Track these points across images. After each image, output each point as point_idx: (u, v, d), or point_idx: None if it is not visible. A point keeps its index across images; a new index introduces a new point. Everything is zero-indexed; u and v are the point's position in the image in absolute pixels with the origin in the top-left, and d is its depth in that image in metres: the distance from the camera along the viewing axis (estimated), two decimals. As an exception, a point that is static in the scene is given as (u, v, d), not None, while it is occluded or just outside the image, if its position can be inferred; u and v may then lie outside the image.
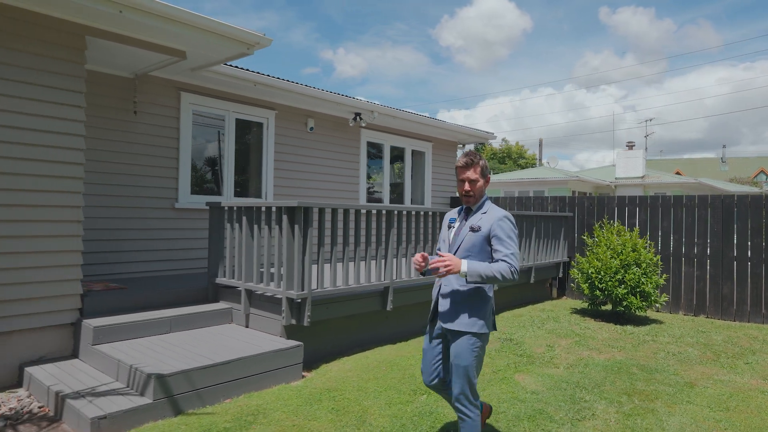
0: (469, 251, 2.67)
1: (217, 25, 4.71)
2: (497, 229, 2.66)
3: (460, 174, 2.78)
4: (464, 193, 2.76)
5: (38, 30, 4.21)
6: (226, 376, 3.83)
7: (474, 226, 2.70)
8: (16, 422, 3.41)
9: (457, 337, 2.63)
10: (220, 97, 6.72)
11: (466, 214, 2.82)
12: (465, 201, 2.79)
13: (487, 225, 2.68)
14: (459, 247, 2.71)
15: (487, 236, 2.67)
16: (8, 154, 4.04)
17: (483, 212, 2.75)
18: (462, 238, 2.71)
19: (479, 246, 2.67)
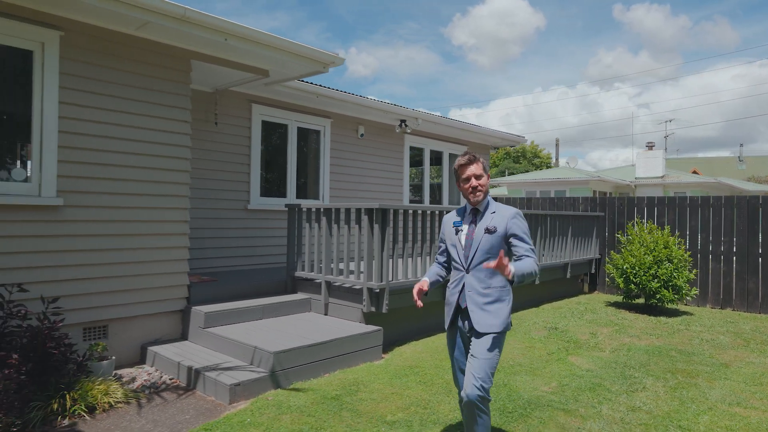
0: (489, 253, 2.66)
1: (300, 47, 5.34)
2: (514, 227, 2.67)
3: (464, 171, 2.73)
4: (471, 189, 2.71)
5: (152, 55, 4.87)
6: (325, 353, 4.46)
7: (489, 227, 2.67)
8: (158, 390, 4.07)
9: (487, 337, 2.64)
10: (284, 107, 7.37)
11: (473, 215, 2.78)
12: (474, 198, 2.72)
13: (502, 224, 2.67)
14: (477, 250, 2.68)
15: (504, 236, 2.67)
16: (133, 164, 4.72)
17: (492, 212, 2.73)
18: (478, 240, 2.68)
19: (498, 246, 2.67)
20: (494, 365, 2.63)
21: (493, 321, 2.64)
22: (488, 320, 2.64)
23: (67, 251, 4.32)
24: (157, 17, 4.32)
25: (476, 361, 2.61)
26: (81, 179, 4.39)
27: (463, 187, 2.76)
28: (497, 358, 2.66)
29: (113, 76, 4.59)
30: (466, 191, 2.74)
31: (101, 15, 4.26)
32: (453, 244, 2.78)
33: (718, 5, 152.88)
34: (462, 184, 2.76)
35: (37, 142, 4.20)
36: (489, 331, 2.62)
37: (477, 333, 2.65)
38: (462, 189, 2.77)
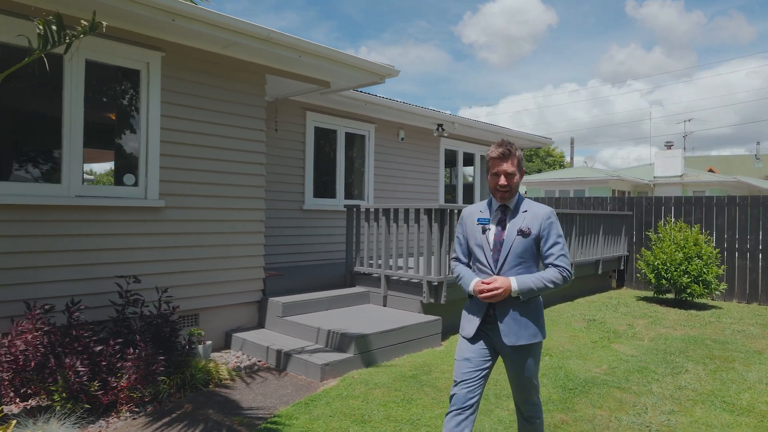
0: (522, 257, 2.43)
1: (362, 61, 5.84)
2: (547, 229, 2.45)
3: (495, 166, 2.47)
4: (499, 188, 2.46)
5: (234, 71, 5.39)
6: (395, 339, 4.96)
7: (524, 229, 2.44)
8: (253, 370, 4.59)
9: (523, 351, 2.43)
10: (334, 114, 7.88)
11: (502, 213, 2.52)
12: (500, 197, 2.48)
13: (536, 226, 2.44)
14: (508, 253, 2.43)
15: (537, 237, 2.45)
16: (219, 169, 5.24)
17: (524, 211, 2.49)
18: (510, 243, 2.44)
19: (531, 250, 2.45)
20: (536, 377, 2.47)
21: (528, 332, 2.42)
22: (525, 331, 2.41)
23: (167, 247, 4.86)
24: (244, 38, 4.83)
25: (521, 379, 2.44)
26: (177, 183, 4.93)
27: (490, 182, 2.52)
28: (537, 370, 2.49)
29: (202, 91, 5.12)
30: (494, 188, 2.49)
31: (198, 37, 4.79)
32: (479, 244, 2.51)
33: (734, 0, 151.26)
34: (490, 179, 2.52)
35: (144, 150, 4.74)
36: (529, 342, 2.41)
37: (515, 347, 2.41)
38: (490, 183, 2.53)
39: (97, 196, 4.46)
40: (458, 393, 2.41)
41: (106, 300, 4.37)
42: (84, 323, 3.97)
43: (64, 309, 3.98)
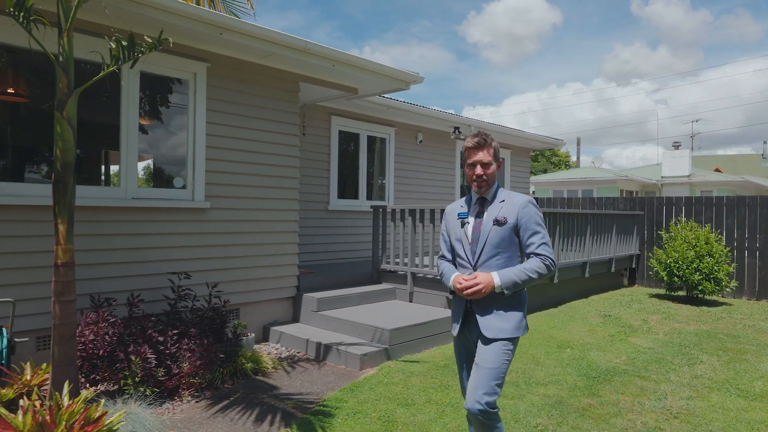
0: (499, 247, 2.39)
1: (390, 69, 6.14)
2: (525, 217, 2.39)
3: (471, 156, 2.44)
4: (475, 178, 2.43)
5: (271, 80, 5.71)
6: (424, 332, 5.27)
7: (499, 219, 2.40)
8: (294, 361, 4.91)
9: (497, 344, 2.37)
10: (357, 118, 8.20)
11: (480, 205, 2.49)
12: (477, 188, 2.46)
13: (513, 214, 2.40)
14: (485, 244, 2.40)
15: (515, 227, 2.40)
16: (257, 172, 5.56)
17: (501, 201, 2.45)
18: (486, 233, 2.40)
19: (508, 240, 2.40)
20: (501, 376, 2.33)
21: (503, 325, 2.36)
22: (498, 324, 2.36)
23: (212, 246, 5.18)
24: (283, 49, 5.15)
25: (480, 370, 2.33)
26: (220, 186, 5.25)
27: (467, 173, 2.49)
28: (505, 368, 2.35)
29: (241, 98, 5.44)
30: (470, 179, 2.47)
31: (240, 48, 5.11)
32: (458, 238, 2.49)
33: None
34: (467, 170, 2.49)
35: (191, 155, 5.07)
36: (498, 337, 2.35)
37: (485, 339, 2.37)
38: (467, 175, 2.50)
39: (150, 198, 4.78)
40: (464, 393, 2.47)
41: (159, 294, 4.70)
42: (143, 315, 4.30)
43: (125, 302, 4.31)
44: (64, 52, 3.44)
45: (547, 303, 7.55)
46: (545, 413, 3.61)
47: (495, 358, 2.33)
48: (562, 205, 11.57)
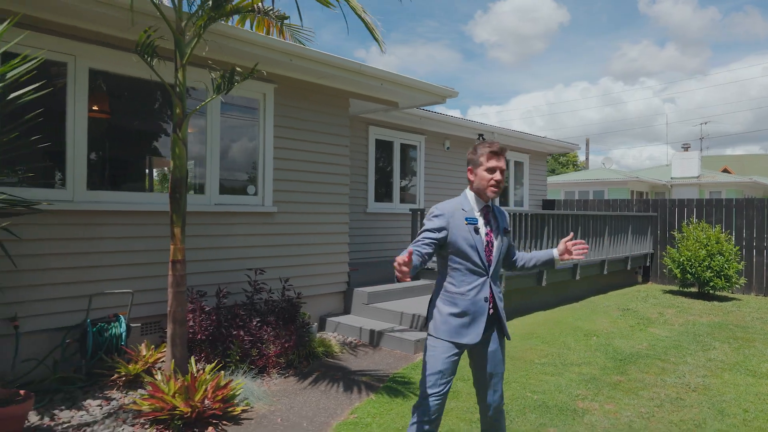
0: (504, 254, 2.62)
1: (430, 86, 6.79)
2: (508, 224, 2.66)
3: (492, 161, 2.47)
4: (495, 183, 2.46)
5: (325, 97, 6.37)
6: (465, 322, 5.91)
7: (507, 228, 2.60)
8: (354, 346, 5.58)
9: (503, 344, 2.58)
10: (391, 127, 8.87)
11: (485, 212, 2.53)
12: (492, 194, 2.49)
13: (509, 224, 2.65)
14: (500, 253, 2.55)
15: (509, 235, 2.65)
16: (315, 180, 6.24)
17: (499, 211, 2.62)
18: (500, 243, 2.54)
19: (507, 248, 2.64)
20: None
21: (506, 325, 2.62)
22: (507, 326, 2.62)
23: (280, 245, 5.86)
24: (339, 71, 5.83)
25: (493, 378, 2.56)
26: (285, 192, 5.93)
27: (484, 177, 2.47)
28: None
29: (301, 114, 6.12)
30: (486, 183, 2.46)
31: (303, 71, 5.78)
32: (471, 245, 2.44)
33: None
34: (485, 173, 2.47)
35: (261, 165, 5.75)
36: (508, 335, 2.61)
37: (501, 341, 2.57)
38: (479, 178, 2.49)
39: (228, 204, 5.47)
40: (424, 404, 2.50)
41: (238, 288, 5.37)
42: (233, 305, 4.98)
43: (213, 294, 5.00)
44: (179, 83, 4.12)
45: (569, 298, 8.18)
46: (583, 386, 4.26)
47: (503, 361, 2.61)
48: (580, 207, 12.18)
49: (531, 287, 7.36)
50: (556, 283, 7.77)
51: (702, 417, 3.70)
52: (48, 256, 4.22)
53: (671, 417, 3.69)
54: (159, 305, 4.82)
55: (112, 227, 4.60)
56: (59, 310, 4.28)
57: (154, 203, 4.91)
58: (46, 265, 4.20)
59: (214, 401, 3.42)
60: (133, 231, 4.73)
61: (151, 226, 4.82)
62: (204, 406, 3.36)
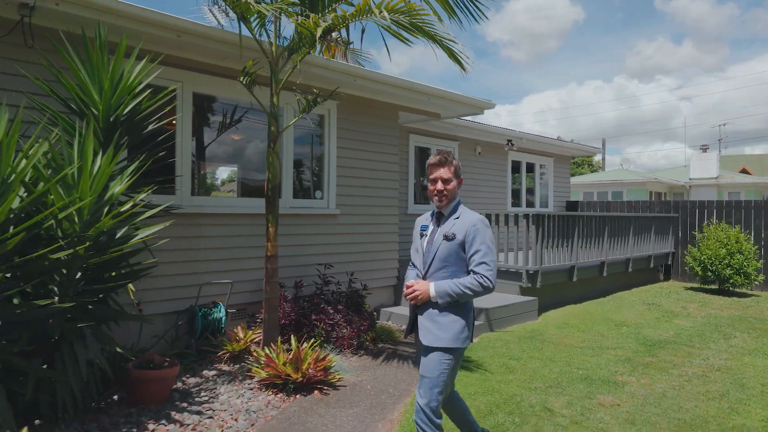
0: (446, 261, 2.53)
1: (471, 99, 7.48)
2: (471, 235, 2.52)
3: (432, 172, 2.60)
4: (436, 192, 2.58)
5: (378, 110, 7.10)
6: (505, 313, 6.59)
7: (448, 234, 2.53)
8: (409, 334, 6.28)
9: (435, 352, 2.50)
10: (428, 135, 9.56)
11: (437, 219, 2.64)
12: (437, 203, 2.61)
13: (462, 231, 2.53)
14: (434, 257, 2.55)
15: (462, 243, 2.52)
16: (370, 185, 6.97)
17: (456, 218, 2.59)
18: (436, 247, 2.55)
19: (455, 255, 2.53)
20: (439, 384, 2.48)
21: (441, 334, 2.48)
22: (436, 333, 2.48)
23: (342, 243, 6.60)
24: (393, 88, 6.54)
25: (422, 380, 2.52)
26: (346, 196, 6.67)
27: (429, 188, 2.64)
28: (443, 377, 2.48)
29: (358, 126, 6.85)
30: (431, 193, 2.63)
31: (361, 88, 6.50)
32: (417, 248, 2.66)
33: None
34: (429, 185, 2.65)
35: (326, 173, 6.50)
36: (435, 345, 2.47)
37: (429, 348, 2.51)
38: (429, 190, 2.67)
39: (300, 207, 6.22)
40: None
41: (309, 281, 6.12)
42: (304, 296, 5.72)
43: (291, 286, 5.74)
44: (274, 106, 4.88)
45: (597, 293, 8.80)
46: (620, 365, 4.92)
47: (433, 367, 2.47)
48: (602, 209, 12.76)
49: (563, 282, 8.01)
50: (585, 279, 8.40)
51: (725, 389, 4.34)
52: (165, 252, 4.99)
53: (699, 389, 4.33)
54: (246, 294, 5.59)
55: (212, 227, 5.37)
56: (173, 297, 5.06)
57: (245, 207, 5.67)
58: (164, 259, 4.98)
59: (317, 371, 4.15)
60: (229, 231, 5.50)
61: (243, 227, 5.59)
62: (309, 374, 4.09)
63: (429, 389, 2.48)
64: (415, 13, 4.16)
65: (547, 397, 4.04)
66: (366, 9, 4.10)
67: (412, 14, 4.16)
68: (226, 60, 5.35)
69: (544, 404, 3.88)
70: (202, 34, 4.80)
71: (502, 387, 4.23)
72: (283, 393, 4.05)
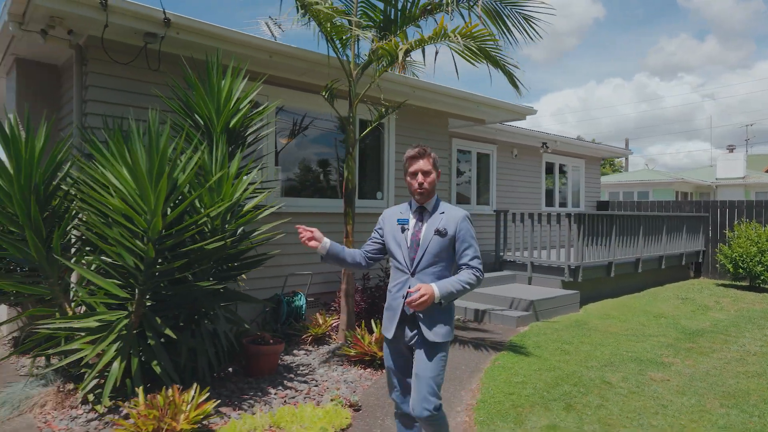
0: (438, 257, 2.50)
1: (515, 106, 8.03)
2: (462, 231, 2.52)
3: (412, 165, 2.56)
4: (417, 186, 2.53)
5: (431, 118, 7.70)
6: (551, 304, 7.13)
7: (440, 230, 2.50)
8: (464, 322, 6.86)
9: (430, 347, 2.47)
10: (469, 138, 10.13)
11: (419, 213, 2.59)
12: (418, 197, 2.55)
13: (452, 227, 2.52)
14: (425, 252, 2.50)
15: (453, 238, 2.52)
16: (423, 186, 7.57)
17: (441, 212, 2.56)
18: (427, 242, 2.50)
19: (446, 251, 2.52)
20: (442, 378, 2.49)
21: (441, 329, 2.47)
22: (439, 329, 2.47)
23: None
24: (446, 97, 7.13)
25: (423, 380, 2.46)
26: (402, 197, 7.27)
27: (408, 182, 2.59)
28: (444, 371, 2.51)
29: (413, 133, 7.45)
30: (411, 187, 2.57)
31: (418, 98, 7.10)
32: (398, 243, 2.57)
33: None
34: (408, 179, 2.59)
35: (386, 175, 7.11)
36: (438, 340, 2.46)
37: (426, 342, 2.47)
38: (408, 184, 2.61)
39: (364, 207, 6.85)
40: (394, 396, 2.65)
41: (374, 274, 6.73)
42: (369, 287, 6.34)
43: (360, 277, 6.37)
44: (352, 116, 5.50)
45: (632, 288, 9.27)
46: (664, 349, 5.44)
47: (434, 365, 2.45)
48: (631, 208, 13.17)
49: (601, 277, 8.50)
50: (621, 275, 8.89)
51: (762, 369, 4.83)
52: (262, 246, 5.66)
53: (738, 369, 4.84)
54: (320, 285, 6.24)
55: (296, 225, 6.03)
56: (264, 286, 5.73)
57: (323, 207, 6.33)
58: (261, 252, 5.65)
59: (398, 349, 4.76)
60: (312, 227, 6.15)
61: (321, 224, 6.18)
62: (393, 352, 4.69)
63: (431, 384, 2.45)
64: (482, 38, 4.73)
65: (604, 373, 4.59)
66: (442, 33, 4.69)
67: (478, 39, 4.73)
68: (304, 75, 6.00)
69: (603, 379, 4.44)
70: (290, 54, 5.46)
71: (562, 365, 4.80)
72: (371, 368, 4.67)
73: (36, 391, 3.75)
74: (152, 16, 4.51)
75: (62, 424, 3.42)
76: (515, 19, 5.42)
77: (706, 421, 3.63)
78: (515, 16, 5.40)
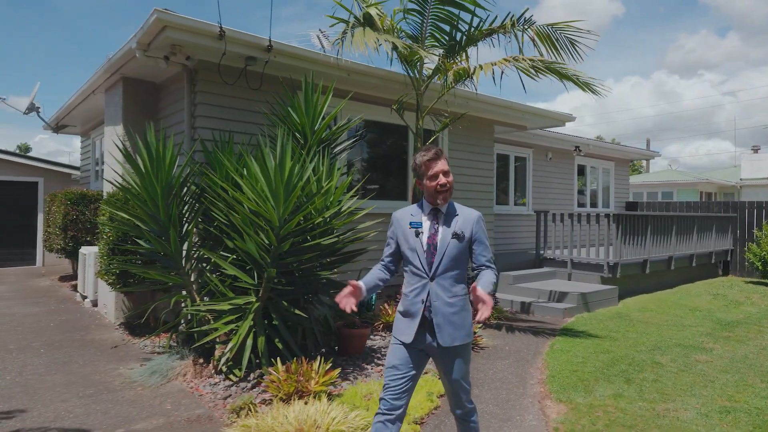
0: (456, 260, 2.48)
1: (555, 113, 8.62)
2: (479, 232, 2.54)
3: (431, 167, 2.50)
4: (439, 188, 2.48)
5: (481, 126, 8.32)
6: (595, 297, 7.71)
7: (458, 233, 2.49)
8: (514, 313, 7.47)
9: (457, 351, 2.48)
10: (507, 143, 10.73)
11: (434, 216, 2.54)
12: (441, 197, 2.50)
13: (468, 229, 2.52)
14: (444, 256, 2.46)
15: (469, 241, 2.52)
16: (473, 189, 8.19)
17: (456, 214, 2.55)
18: (445, 246, 2.47)
19: (464, 254, 2.51)
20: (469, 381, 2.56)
21: (461, 332, 2.48)
22: (459, 332, 2.47)
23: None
24: (494, 107, 7.75)
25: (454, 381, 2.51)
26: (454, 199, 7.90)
27: (429, 185, 2.52)
28: (469, 371, 2.56)
29: (463, 139, 8.09)
30: (433, 190, 2.50)
31: (471, 108, 7.73)
32: (412, 248, 2.52)
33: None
34: (428, 182, 2.52)
35: (440, 179, 7.76)
36: (462, 343, 2.47)
37: (450, 348, 2.46)
38: (427, 187, 2.53)
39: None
40: (384, 398, 2.48)
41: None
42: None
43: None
44: (419, 127, 6.16)
45: (665, 285, 9.79)
46: (703, 337, 6.00)
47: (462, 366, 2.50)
48: (659, 209, 13.63)
49: (636, 274, 9.05)
50: (655, 272, 9.42)
51: (796, 355, 5.39)
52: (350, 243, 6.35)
53: (773, 354, 5.40)
54: (385, 279, 6.91)
55: (360, 224, 6.72)
56: (343, 279, 6.40)
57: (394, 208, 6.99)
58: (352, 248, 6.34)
59: (468, 334, 5.40)
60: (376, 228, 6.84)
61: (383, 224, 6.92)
62: (463, 336, 5.34)
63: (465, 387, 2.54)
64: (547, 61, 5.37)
65: (653, 355, 5.19)
66: (513, 58, 5.33)
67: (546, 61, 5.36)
68: (374, 89, 6.68)
69: (653, 360, 5.04)
70: (365, 72, 6.14)
71: (614, 349, 5.40)
72: (445, 349, 5.32)
73: (176, 363, 4.48)
74: (258, 43, 5.23)
75: (207, 389, 4.14)
76: (563, 41, 6.02)
77: (750, 392, 4.21)
78: (563, 39, 5.99)
